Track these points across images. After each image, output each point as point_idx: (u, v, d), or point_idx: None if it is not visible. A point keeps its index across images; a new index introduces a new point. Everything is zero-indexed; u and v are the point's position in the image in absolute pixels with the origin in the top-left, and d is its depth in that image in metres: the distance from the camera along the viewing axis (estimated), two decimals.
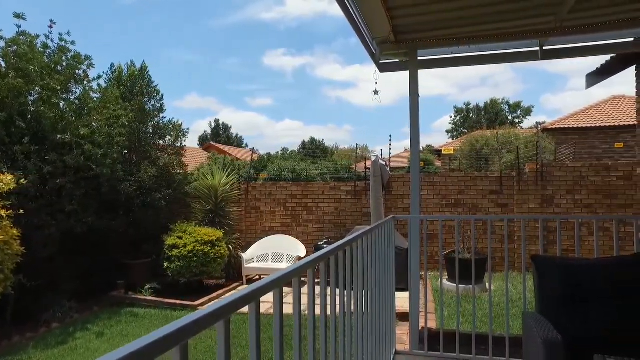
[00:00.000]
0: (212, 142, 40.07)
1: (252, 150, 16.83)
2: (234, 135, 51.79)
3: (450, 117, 43.39)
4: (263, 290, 1.00)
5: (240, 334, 5.58)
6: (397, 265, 4.20)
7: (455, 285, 6.63)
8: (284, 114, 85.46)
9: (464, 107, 42.39)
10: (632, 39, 4.44)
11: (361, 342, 2.28)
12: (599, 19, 3.73)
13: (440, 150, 18.37)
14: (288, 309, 1.18)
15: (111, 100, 8.03)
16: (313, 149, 41.50)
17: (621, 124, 16.98)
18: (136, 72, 9.25)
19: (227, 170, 10.03)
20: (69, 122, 7.01)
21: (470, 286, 6.41)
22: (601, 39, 4.29)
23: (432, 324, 5.38)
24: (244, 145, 49.58)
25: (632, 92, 6.84)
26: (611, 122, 17.53)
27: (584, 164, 9.14)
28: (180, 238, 7.73)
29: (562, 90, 70.53)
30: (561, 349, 1.98)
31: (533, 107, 40.91)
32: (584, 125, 17.90)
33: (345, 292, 1.97)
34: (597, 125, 17.63)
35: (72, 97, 7.57)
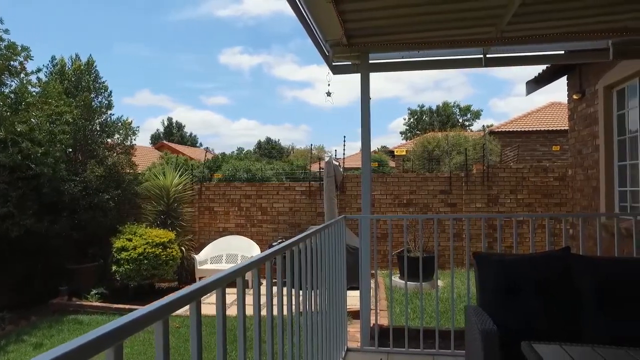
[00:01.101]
0: (164, 141, 38.78)
1: (207, 149, 16.49)
2: (188, 134, 50.43)
3: (404, 119, 44.63)
4: (204, 291, 1.00)
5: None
6: (351, 264, 4.28)
7: (409, 282, 6.85)
8: (240, 113, 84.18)
9: (418, 109, 43.72)
10: (563, 52, 4.80)
11: (311, 341, 2.32)
12: (533, 31, 3.99)
13: (394, 151, 18.87)
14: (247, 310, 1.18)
15: (53, 96, 7.59)
16: (269, 149, 41.27)
17: (558, 128, 18.18)
18: (82, 67, 8.80)
19: (180, 170, 9.78)
20: (2, 117, 6.55)
21: (423, 283, 6.66)
22: (538, 50, 4.59)
23: (385, 321, 5.52)
24: (198, 145, 48.40)
25: (566, 99, 7.36)
26: (549, 127, 18.74)
27: (525, 165, 9.72)
28: (130, 240, 7.45)
29: (508, 95, 74.37)
30: (496, 338, 2.12)
31: (482, 110, 42.99)
32: (526, 129, 19.03)
33: (294, 291, 1.99)
34: (538, 129, 18.80)
35: (7, 91, 7.07)
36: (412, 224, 8.28)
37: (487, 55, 4.42)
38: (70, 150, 8.26)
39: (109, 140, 8.97)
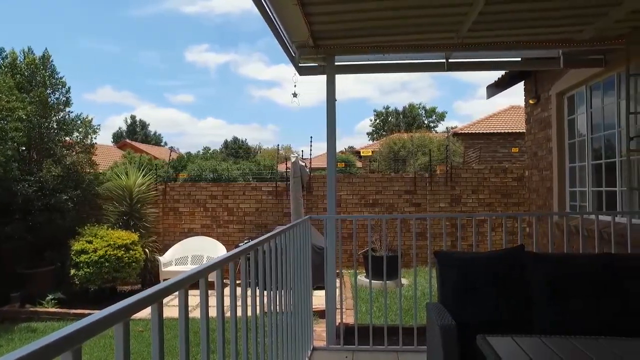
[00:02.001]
0: (127, 140, 37.58)
1: (172, 149, 16.14)
2: (152, 133, 49.11)
3: (371, 120, 45.23)
4: (166, 292, 1.01)
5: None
6: (318, 264, 4.32)
7: (375, 281, 6.97)
8: (206, 111, 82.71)
9: (384, 110, 44.41)
10: (520, 59, 5.03)
11: (276, 342, 2.33)
12: (491, 39, 4.17)
13: (360, 152, 19.12)
14: (210, 311, 1.18)
15: (3, 90, 7.22)
16: (236, 149, 40.81)
17: (517, 131, 18.94)
18: (36, 61, 8.41)
19: (143, 170, 9.53)
20: None
21: (388, 282, 6.79)
22: (496, 57, 4.80)
23: (351, 320, 5.59)
24: (163, 144, 47.21)
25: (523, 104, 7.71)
26: (510, 129, 19.50)
27: (486, 166, 10.09)
28: (90, 242, 7.20)
29: (472, 97, 76.72)
30: (454, 333, 2.21)
31: (446, 112, 44.25)
32: (488, 131, 19.72)
33: (258, 291, 2.00)
34: (499, 131, 19.52)
35: None
36: (378, 223, 8.43)
37: (450, 60, 4.58)
38: (24, 148, 7.89)
39: (67, 138, 8.63)
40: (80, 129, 8.74)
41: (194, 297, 1.51)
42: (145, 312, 1.00)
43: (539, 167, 6.83)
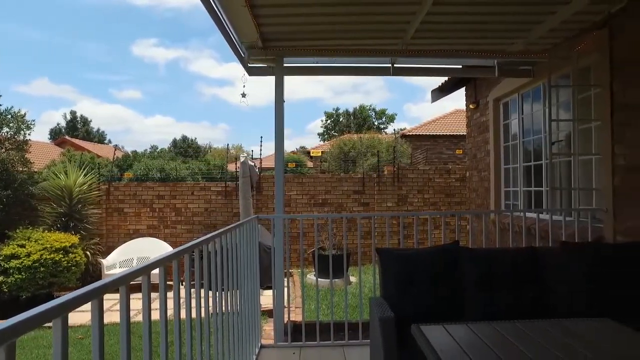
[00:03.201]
0: (67, 137, 35.34)
1: (116, 147, 15.44)
2: (94, 130, 46.57)
3: (322, 120, 45.64)
4: (107, 288, 1.01)
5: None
6: (267, 264, 4.35)
7: (324, 279, 7.10)
8: (154, 109, 79.56)
9: (334, 111, 44.96)
10: (460, 66, 5.34)
11: (221, 342, 2.34)
12: (433, 46, 4.41)
13: (310, 152, 19.27)
14: (155, 315, 1.17)
15: None
16: (185, 148, 39.64)
17: (461, 133, 19.90)
18: None
19: (85, 169, 9.08)
20: None
21: (337, 280, 6.95)
22: (439, 63, 5.07)
23: (299, 318, 5.67)
24: (106, 142, 44.93)
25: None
26: (454, 132, 20.44)
27: (432, 167, 10.54)
28: (23, 246, 6.77)
29: (421, 100, 79.42)
30: (392, 325, 2.35)
31: (396, 114, 45.49)
32: (434, 133, 20.55)
33: (203, 292, 2.02)
34: (444, 133, 20.40)
35: None
36: (327, 223, 8.58)
37: (395, 65, 4.78)
38: None
39: None
40: (11, 124, 8.18)
41: (137, 300, 1.49)
42: (86, 318, 1.00)
43: (478, 168, 7.25)
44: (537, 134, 5.45)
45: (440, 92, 7.80)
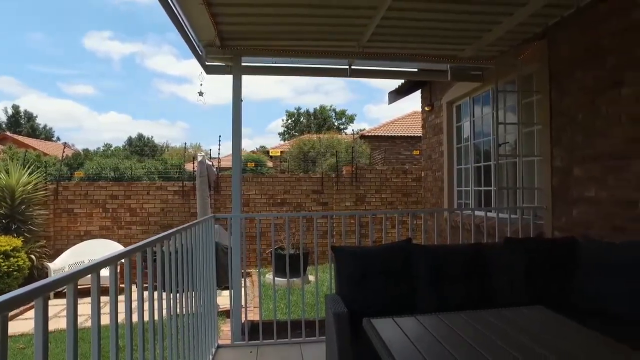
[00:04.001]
0: (8, 133, 33.15)
1: (65, 144, 14.70)
2: (41, 127, 44.03)
3: (283, 120, 45.54)
4: (53, 286, 0.99)
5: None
6: (226, 264, 4.31)
7: (283, 279, 7.11)
8: (108, 105, 76.30)
9: (295, 111, 44.98)
10: (416, 70, 5.53)
11: (176, 344, 2.30)
12: (389, 50, 4.55)
13: (270, 152, 19.19)
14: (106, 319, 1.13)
15: None
16: (141, 146, 38.31)
17: (418, 135, 20.46)
18: None
19: (29, 168, 8.60)
20: None
21: (296, 279, 6.98)
22: (395, 66, 5.22)
23: (258, 317, 5.66)
24: (55, 139, 42.63)
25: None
26: (412, 133, 20.99)
27: (389, 167, 10.80)
28: None
29: (381, 102, 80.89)
30: (346, 319, 2.42)
31: (356, 115, 46.06)
32: (393, 134, 21.01)
33: (156, 293, 2.00)
34: (402, 134, 20.91)
35: None
36: (285, 222, 8.60)
37: (352, 67, 4.88)
38: None
39: None
40: None
41: (88, 305, 1.42)
42: (28, 326, 0.94)
43: (432, 169, 7.52)
44: (487, 136, 5.73)
45: (397, 94, 8.02)
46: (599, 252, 2.86)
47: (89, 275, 1.29)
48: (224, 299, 5.80)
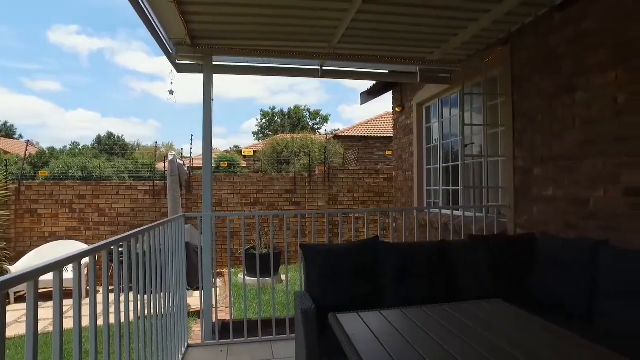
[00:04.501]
0: None
1: (29, 142, 14.17)
2: (1, 123, 42.20)
3: (257, 119, 45.23)
4: (7, 284, 0.95)
5: None
6: (198, 264, 4.28)
7: (253, 278, 7.10)
8: (76, 102, 73.68)
9: (270, 111, 44.77)
10: (387, 71, 5.63)
11: (144, 346, 2.27)
12: (359, 51, 4.62)
13: (242, 151, 19.07)
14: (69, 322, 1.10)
15: None
16: (111, 145, 37.29)
17: (390, 135, 20.77)
18: None
19: None
20: None
21: (269, 278, 6.99)
22: (367, 68, 5.31)
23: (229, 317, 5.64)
24: (17, 137, 40.93)
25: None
26: (385, 133, 21.28)
27: (361, 167, 10.93)
28: None
29: (355, 102, 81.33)
30: (313, 315, 2.48)
31: (330, 115, 46.21)
32: (366, 135, 21.24)
33: (128, 292, 1.99)
34: (375, 135, 21.18)
35: None
36: (259, 221, 8.59)
37: (324, 68, 4.94)
38: None
39: None
40: None
41: (49, 309, 1.36)
42: None
43: (403, 169, 7.68)
44: (455, 137, 5.91)
45: (368, 95, 8.14)
46: (554, 249, 3.02)
47: (52, 278, 1.24)
48: (195, 299, 5.76)
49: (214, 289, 3.92)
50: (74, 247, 8.07)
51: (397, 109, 7.92)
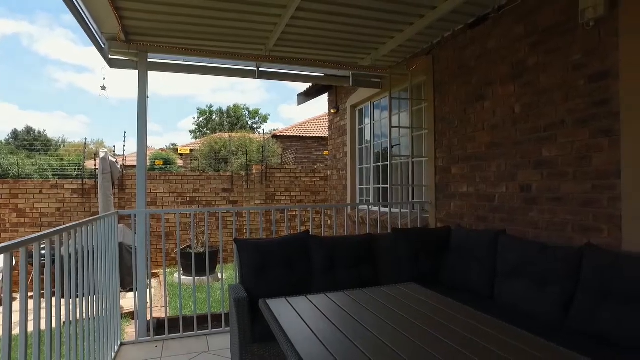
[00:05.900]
0: None
1: None
2: None
3: (194, 118, 43.98)
4: None
5: None
6: (132, 264, 4.24)
7: (190, 277, 7.05)
8: None
9: (207, 109, 43.75)
10: (322, 74, 5.88)
11: (68, 349, 2.22)
12: (295, 55, 4.83)
13: (179, 150, 18.59)
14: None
15: None
16: (30, 140, 34.41)
17: (327, 136, 21.25)
18: None
19: None
20: None
21: (204, 277, 6.97)
22: (303, 70, 5.51)
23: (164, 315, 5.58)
24: None
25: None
26: (323, 134, 21.72)
27: (298, 167, 11.16)
28: None
29: (295, 102, 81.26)
30: (245, 303, 2.63)
31: (269, 115, 46.06)
32: (304, 135, 21.54)
33: (58, 296, 1.99)
34: (313, 135, 21.54)
35: None
36: (196, 220, 8.50)
37: (260, 69, 5.07)
38: None
39: None
40: None
41: None
42: None
43: (337, 168, 7.99)
44: (384, 138, 6.30)
45: (305, 97, 8.37)
46: (464, 239, 3.42)
47: None
48: (128, 301, 5.62)
49: (148, 289, 3.91)
50: None
51: (332, 111, 8.22)
